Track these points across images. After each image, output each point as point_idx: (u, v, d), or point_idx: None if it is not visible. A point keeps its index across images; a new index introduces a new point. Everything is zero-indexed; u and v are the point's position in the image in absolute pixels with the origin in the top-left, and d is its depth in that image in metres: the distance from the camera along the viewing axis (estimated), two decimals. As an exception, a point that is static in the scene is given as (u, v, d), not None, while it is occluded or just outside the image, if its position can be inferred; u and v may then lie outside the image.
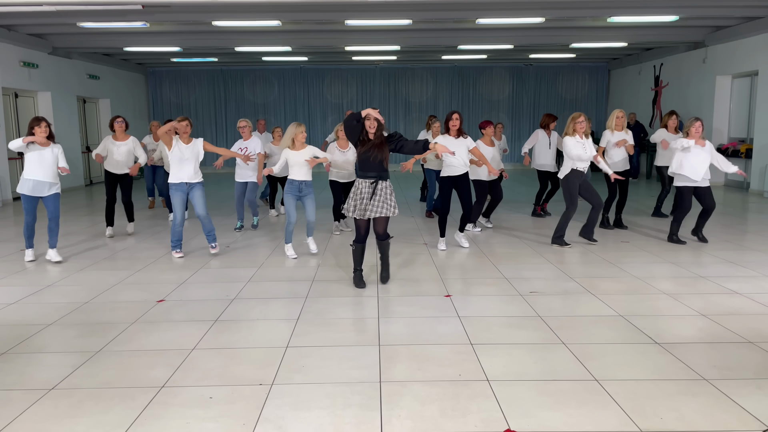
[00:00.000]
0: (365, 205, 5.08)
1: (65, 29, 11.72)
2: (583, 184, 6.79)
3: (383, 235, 5.26)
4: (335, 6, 10.02)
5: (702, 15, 11.01)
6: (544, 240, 7.25)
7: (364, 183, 5.12)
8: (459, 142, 6.44)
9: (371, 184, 5.10)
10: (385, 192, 5.12)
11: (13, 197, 11.88)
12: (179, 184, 6.34)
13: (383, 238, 5.28)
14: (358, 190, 5.13)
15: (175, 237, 6.47)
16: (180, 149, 6.28)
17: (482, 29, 12.69)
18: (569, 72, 18.69)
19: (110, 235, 7.73)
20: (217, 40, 13.10)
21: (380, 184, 5.10)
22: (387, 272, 5.43)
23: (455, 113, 6.44)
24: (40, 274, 5.85)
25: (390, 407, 2.99)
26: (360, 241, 5.28)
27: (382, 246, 5.34)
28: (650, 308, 4.58)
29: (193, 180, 6.35)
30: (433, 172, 8.84)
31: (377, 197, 5.07)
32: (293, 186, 6.34)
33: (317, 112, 18.75)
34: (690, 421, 2.83)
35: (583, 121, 6.70)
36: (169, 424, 2.86)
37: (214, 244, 6.55)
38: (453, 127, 6.42)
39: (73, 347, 3.88)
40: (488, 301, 4.79)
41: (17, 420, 2.91)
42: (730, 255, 6.36)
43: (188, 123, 6.36)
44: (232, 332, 4.13)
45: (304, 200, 6.43)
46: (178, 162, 6.30)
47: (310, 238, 6.68)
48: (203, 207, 6.40)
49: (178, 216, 6.43)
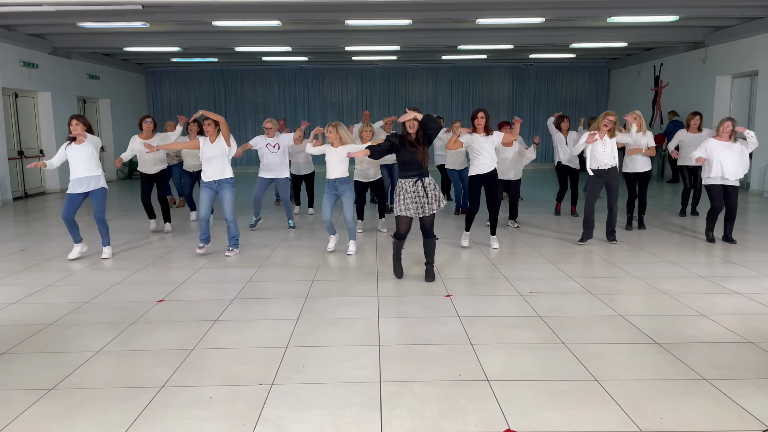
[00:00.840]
0: (420, 203, 5.18)
1: (65, 29, 11.72)
2: (608, 182, 6.82)
3: (432, 231, 5.36)
4: (335, 6, 10.01)
5: (702, 15, 11.01)
6: (545, 240, 7.25)
7: (408, 182, 5.20)
8: (488, 140, 6.50)
9: (415, 183, 5.18)
10: (434, 186, 5.25)
11: (13, 197, 11.88)
12: (208, 182, 6.43)
13: (431, 236, 5.37)
14: (404, 190, 5.20)
15: (201, 230, 6.53)
16: (208, 147, 6.35)
17: (482, 29, 12.69)
18: (569, 72, 18.69)
19: (153, 229, 7.98)
20: (217, 40, 13.10)
21: (425, 180, 5.21)
22: (432, 271, 5.44)
23: (480, 111, 6.49)
24: (40, 274, 5.85)
25: (390, 407, 2.99)
26: (402, 237, 5.38)
27: (430, 244, 5.40)
28: (650, 308, 4.58)
29: (221, 177, 6.38)
30: (455, 172, 9.05)
31: (430, 195, 5.19)
32: (330, 185, 6.45)
33: (317, 112, 18.75)
34: (690, 421, 2.83)
35: (611, 120, 6.69)
36: (169, 424, 2.86)
37: (233, 248, 6.57)
38: (479, 126, 6.46)
39: (73, 347, 3.88)
40: (488, 301, 4.79)
41: (17, 420, 2.91)
42: (730, 255, 6.36)
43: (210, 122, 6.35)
44: (232, 332, 4.13)
45: (342, 198, 6.49)
46: (207, 161, 6.38)
47: (351, 241, 6.64)
48: (230, 211, 6.44)
49: (203, 211, 6.43)
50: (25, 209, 10.63)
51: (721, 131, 6.77)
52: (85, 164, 6.19)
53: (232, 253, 6.54)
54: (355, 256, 6.46)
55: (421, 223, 5.34)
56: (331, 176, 6.42)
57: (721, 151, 6.72)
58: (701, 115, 8.60)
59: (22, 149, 12.39)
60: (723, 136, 6.76)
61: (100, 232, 6.44)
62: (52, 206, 10.98)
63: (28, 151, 12.63)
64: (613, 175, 6.81)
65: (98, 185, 6.30)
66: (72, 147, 6.19)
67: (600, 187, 6.89)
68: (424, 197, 5.21)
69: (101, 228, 6.42)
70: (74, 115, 6.18)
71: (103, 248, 6.52)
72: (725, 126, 6.75)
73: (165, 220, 8.03)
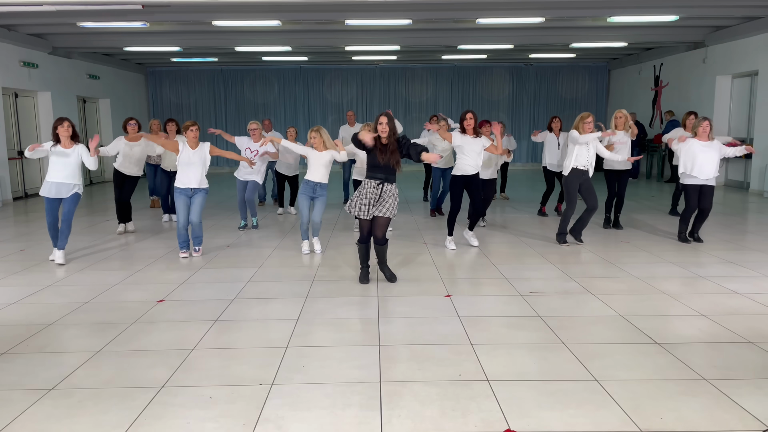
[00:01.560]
0: (370, 206, 5.13)
1: (65, 29, 11.72)
2: (583, 184, 6.81)
3: (382, 239, 5.29)
4: (335, 6, 10.01)
5: (702, 15, 11.01)
6: (545, 240, 7.25)
7: (371, 184, 5.16)
8: (476, 142, 6.50)
9: (377, 186, 5.14)
10: (390, 195, 5.17)
11: (13, 197, 11.88)
12: (184, 189, 6.35)
13: (382, 242, 5.31)
14: (365, 191, 5.17)
15: (180, 239, 6.48)
16: (187, 154, 6.31)
17: (482, 29, 12.69)
18: (569, 72, 18.69)
19: (120, 231, 7.93)
20: (217, 40, 13.10)
21: (386, 186, 5.15)
22: (389, 272, 5.43)
23: (469, 112, 6.50)
24: (40, 274, 5.84)
25: (390, 407, 2.99)
26: (364, 241, 5.33)
27: (380, 250, 5.35)
28: (650, 308, 4.58)
29: (199, 186, 6.38)
30: (438, 170, 8.91)
31: (382, 199, 5.14)
32: (308, 186, 6.48)
33: (317, 112, 18.75)
34: (690, 421, 2.83)
35: (590, 121, 6.73)
36: (169, 424, 2.86)
37: (198, 248, 6.60)
38: (468, 127, 6.48)
39: (73, 347, 3.88)
40: (488, 301, 4.79)
41: (17, 420, 2.91)
42: (730, 255, 6.36)
43: (197, 128, 6.38)
44: (232, 332, 4.13)
45: (315, 201, 6.55)
46: (185, 166, 6.32)
47: (316, 238, 6.74)
48: (198, 214, 6.43)
49: (182, 219, 6.41)
50: (25, 209, 10.63)
51: (701, 131, 6.75)
52: (74, 170, 6.09)
53: (199, 253, 6.56)
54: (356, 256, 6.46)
55: (372, 227, 5.26)
56: (312, 179, 6.44)
57: (702, 151, 6.71)
58: (697, 114, 8.58)
59: (22, 149, 12.39)
60: (702, 136, 6.74)
61: (63, 233, 6.14)
62: (52, 206, 10.96)
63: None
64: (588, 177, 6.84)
65: (78, 191, 6.17)
66: (60, 150, 6.03)
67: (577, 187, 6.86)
68: (374, 201, 5.13)
69: (66, 230, 6.14)
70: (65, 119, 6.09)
71: (55, 251, 6.24)
72: (704, 125, 6.74)
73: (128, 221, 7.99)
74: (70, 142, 6.07)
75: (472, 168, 6.53)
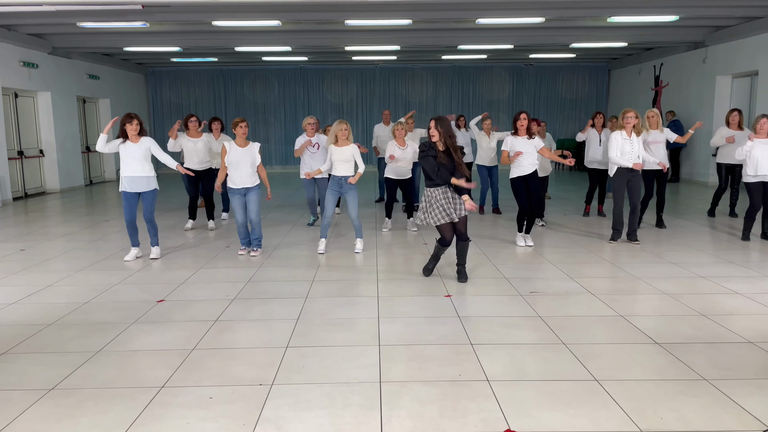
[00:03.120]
0: (451, 209, 5.15)
1: (65, 29, 11.71)
2: (631, 181, 6.78)
3: (465, 234, 5.35)
4: (335, 6, 10.01)
5: (702, 15, 11.00)
6: (543, 240, 7.25)
7: (437, 191, 5.16)
8: (529, 143, 6.58)
9: (446, 191, 5.16)
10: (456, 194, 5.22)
11: (13, 197, 11.87)
12: (238, 189, 6.40)
13: (466, 239, 5.36)
14: (434, 199, 5.17)
15: (240, 236, 6.56)
16: (236, 153, 6.32)
17: (482, 29, 12.69)
18: (569, 72, 18.69)
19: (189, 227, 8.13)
20: (217, 40, 13.10)
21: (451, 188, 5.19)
22: (465, 273, 5.44)
23: (523, 113, 6.60)
24: (40, 274, 5.85)
25: (390, 407, 2.99)
26: (447, 244, 5.35)
27: (463, 246, 5.39)
28: (650, 308, 4.58)
29: (252, 184, 6.41)
30: (484, 168, 9.12)
31: (455, 199, 5.18)
32: (335, 181, 6.48)
33: (317, 112, 18.72)
34: (690, 421, 2.83)
35: (631, 117, 6.65)
36: (169, 424, 2.86)
37: (257, 249, 6.61)
38: (521, 127, 6.55)
39: (73, 347, 3.88)
40: (488, 301, 4.79)
41: (17, 420, 2.91)
42: (730, 255, 6.36)
43: (246, 125, 6.37)
44: (232, 332, 4.13)
45: (346, 197, 6.52)
46: (234, 166, 6.33)
47: (359, 239, 6.68)
48: (256, 212, 6.46)
49: (239, 218, 6.45)
50: (25, 209, 10.63)
51: (758, 128, 6.75)
52: (146, 163, 6.17)
53: (256, 254, 6.58)
54: (358, 256, 6.46)
55: (456, 227, 5.31)
56: (338, 173, 6.47)
57: (760, 148, 6.72)
58: (740, 111, 8.47)
59: (22, 149, 12.39)
60: (761, 134, 6.75)
61: (149, 232, 6.38)
62: (52, 206, 10.98)
63: (28, 151, 12.63)
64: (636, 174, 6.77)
65: (150, 187, 6.23)
66: (127, 145, 6.11)
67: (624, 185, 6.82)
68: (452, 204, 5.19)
69: (150, 228, 6.36)
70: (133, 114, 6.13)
71: (152, 248, 6.48)
72: (762, 123, 6.73)
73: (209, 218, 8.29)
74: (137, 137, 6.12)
75: (531, 166, 6.59)
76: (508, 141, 6.62)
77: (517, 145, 6.57)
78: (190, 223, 8.21)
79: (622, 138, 6.66)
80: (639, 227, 7.85)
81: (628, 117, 6.65)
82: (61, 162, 13.41)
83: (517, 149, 6.55)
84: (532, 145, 6.59)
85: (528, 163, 6.59)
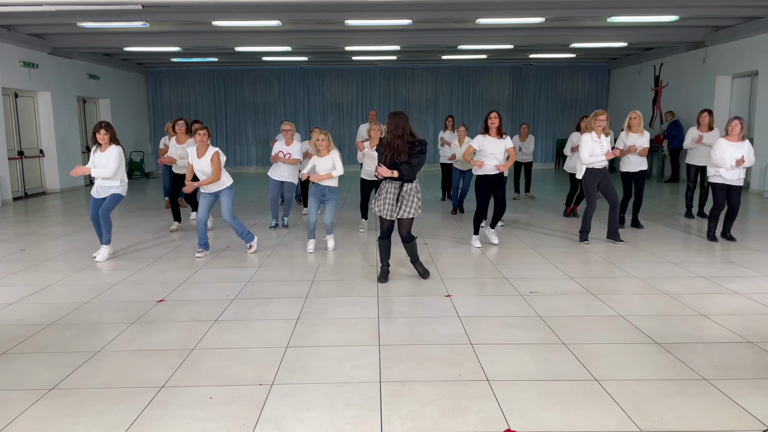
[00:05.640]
0: (392, 206, 5.17)
1: (65, 29, 11.72)
2: (602, 181, 6.82)
3: (408, 237, 5.35)
4: (335, 6, 10.01)
5: (702, 15, 11.00)
6: (543, 240, 7.25)
7: (391, 185, 5.18)
8: (499, 143, 6.53)
9: (397, 187, 5.17)
10: (411, 194, 5.19)
11: (13, 197, 11.87)
12: (206, 194, 6.49)
13: (408, 240, 5.37)
14: (385, 191, 5.21)
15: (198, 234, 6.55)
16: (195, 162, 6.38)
17: (482, 29, 12.69)
18: (569, 72, 18.69)
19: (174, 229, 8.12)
20: (217, 40, 13.10)
21: (405, 186, 5.18)
22: (422, 268, 5.49)
23: (494, 112, 6.53)
24: (40, 274, 5.85)
25: (390, 407, 2.99)
26: (384, 237, 5.36)
27: (408, 248, 5.42)
28: (650, 308, 4.58)
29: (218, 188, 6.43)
30: (458, 171, 9.23)
31: (404, 199, 5.17)
32: (317, 189, 6.59)
33: (317, 112, 18.75)
34: (690, 421, 2.83)
35: (603, 119, 6.70)
36: (169, 424, 2.86)
37: (250, 244, 6.69)
38: (492, 126, 6.50)
39: (73, 347, 3.88)
40: (488, 301, 4.79)
41: (17, 420, 2.91)
42: (730, 255, 6.36)
43: (205, 132, 6.33)
44: (232, 332, 4.13)
45: (325, 204, 6.67)
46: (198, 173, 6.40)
47: (329, 236, 6.86)
48: (227, 212, 6.48)
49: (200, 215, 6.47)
50: (25, 209, 10.63)
51: (730, 130, 6.76)
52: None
53: (252, 249, 6.67)
54: (356, 256, 6.47)
55: (397, 227, 5.35)
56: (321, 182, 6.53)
57: (730, 151, 6.72)
58: (710, 111, 8.50)
59: (22, 149, 12.39)
60: (732, 136, 6.76)
61: (102, 227, 6.37)
62: (52, 206, 10.98)
63: (28, 151, 12.63)
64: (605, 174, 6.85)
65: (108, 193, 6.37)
66: (97, 152, 6.31)
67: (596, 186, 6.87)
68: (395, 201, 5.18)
69: (103, 224, 6.37)
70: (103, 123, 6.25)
71: (101, 246, 6.44)
72: (733, 125, 6.75)
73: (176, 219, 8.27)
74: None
75: (494, 168, 6.56)
76: (477, 139, 6.59)
77: (486, 144, 6.51)
78: (175, 224, 8.14)
79: (592, 140, 6.68)
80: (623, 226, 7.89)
81: (600, 120, 6.70)
82: (61, 162, 13.40)
83: (485, 149, 6.50)
84: (501, 145, 6.53)
85: (492, 166, 6.54)
